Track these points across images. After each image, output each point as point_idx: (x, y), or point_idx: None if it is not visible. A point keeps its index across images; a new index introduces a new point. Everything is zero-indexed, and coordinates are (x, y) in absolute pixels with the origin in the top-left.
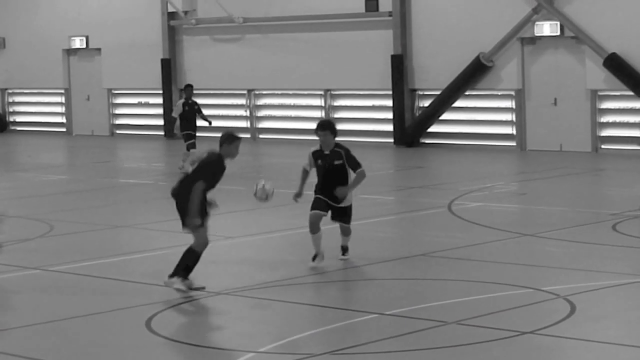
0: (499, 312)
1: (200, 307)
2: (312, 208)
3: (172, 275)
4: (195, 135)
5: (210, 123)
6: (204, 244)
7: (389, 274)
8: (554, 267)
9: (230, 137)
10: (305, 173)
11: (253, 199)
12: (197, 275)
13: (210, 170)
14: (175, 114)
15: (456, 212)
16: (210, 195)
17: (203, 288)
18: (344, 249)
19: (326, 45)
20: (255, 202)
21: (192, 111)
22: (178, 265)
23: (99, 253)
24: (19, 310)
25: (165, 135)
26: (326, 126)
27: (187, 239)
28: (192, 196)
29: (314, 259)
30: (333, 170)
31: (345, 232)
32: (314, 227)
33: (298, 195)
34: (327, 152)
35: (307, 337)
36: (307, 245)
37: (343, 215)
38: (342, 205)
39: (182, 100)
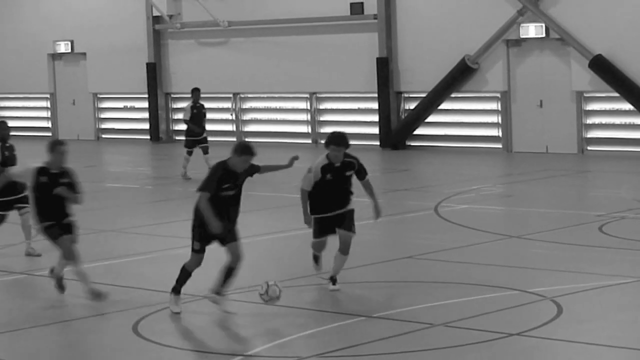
0: (486, 314)
1: (188, 311)
2: (320, 234)
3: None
4: (206, 138)
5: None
6: (239, 258)
7: (376, 276)
8: (540, 268)
9: (239, 149)
10: (307, 194)
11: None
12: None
13: (211, 179)
14: (186, 117)
15: (442, 214)
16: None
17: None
18: (334, 280)
19: (312, 49)
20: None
21: (200, 114)
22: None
23: (86, 257)
24: (5, 314)
25: (151, 139)
26: (343, 142)
27: (176, 242)
28: (202, 209)
29: (317, 260)
30: (343, 182)
31: (346, 247)
32: (320, 250)
33: (310, 221)
34: (337, 164)
35: (296, 340)
36: (295, 249)
37: (350, 220)
38: (348, 208)
39: (190, 104)
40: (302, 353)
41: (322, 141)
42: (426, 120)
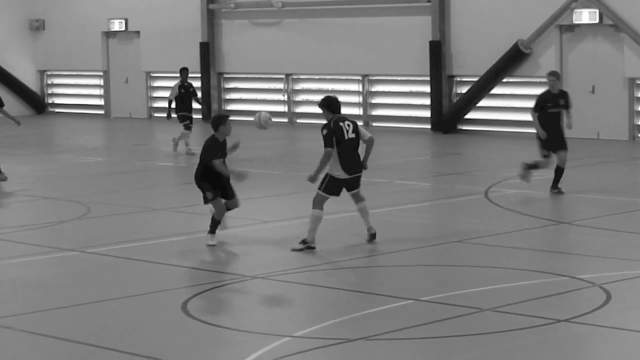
0: (535, 299)
1: (236, 291)
2: None
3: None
4: (191, 117)
5: (202, 106)
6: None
7: (425, 260)
8: (590, 255)
9: (222, 119)
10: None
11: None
12: (233, 258)
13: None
14: (172, 96)
15: (492, 199)
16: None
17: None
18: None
19: (364, 31)
20: (292, 183)
21: (188, 94)
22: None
23: (136, 235)
24: (56, 292)
25: (203, 118)
26: (320, 104)
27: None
28: (222, 171)
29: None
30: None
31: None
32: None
33: None
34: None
35: (343, 322)
36: (343, 230)
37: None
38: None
39: (179, 83)
40: (349, 335)
41: (374, 124)
42: (478, 105)
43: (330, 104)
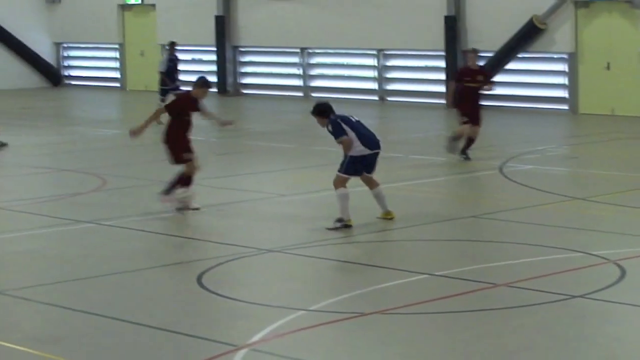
0: (549, 275)
1: (251, 264)
2: None
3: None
4: (179, 87)
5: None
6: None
7: (439, 235)
8: (604, 231)
9: (205, 83)
10: None
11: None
12: (249, 232)
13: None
14: (162, 68)
15: (507, 174)
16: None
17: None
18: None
19: (380, 5)
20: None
21: (175, 67)
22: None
23: (151, 208)
24: (71, 263)
25: (218, 91)
26: (312, 112)
27: (241, 195)
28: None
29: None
30: None
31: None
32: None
33: None
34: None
35: (358, 296)
36: (359, 204)
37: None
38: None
39: (168, 56)
40: (364, 309)
41: (389, 98)
42: (493, 80)
43: (325, 110)
